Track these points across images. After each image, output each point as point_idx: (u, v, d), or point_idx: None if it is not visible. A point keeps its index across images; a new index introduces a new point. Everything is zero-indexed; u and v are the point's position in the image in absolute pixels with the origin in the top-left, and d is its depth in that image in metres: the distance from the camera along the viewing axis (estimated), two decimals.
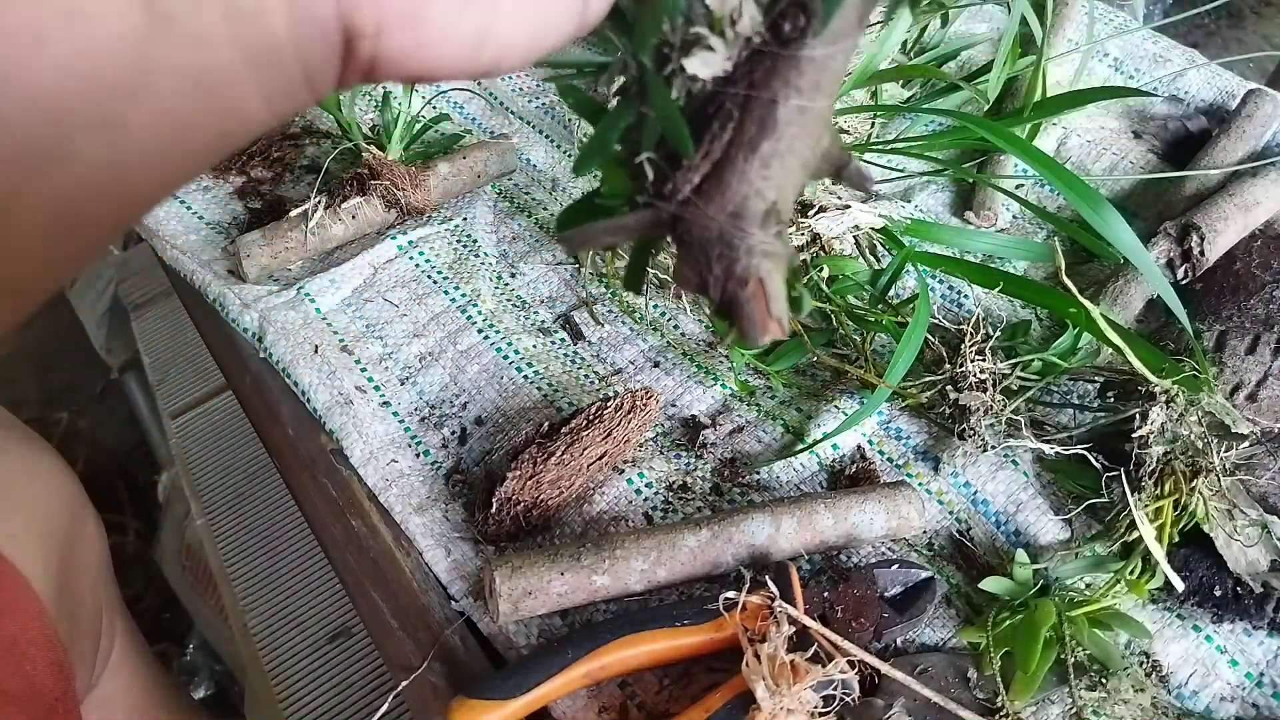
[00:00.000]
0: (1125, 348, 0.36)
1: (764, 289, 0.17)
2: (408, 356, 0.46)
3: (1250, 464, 0.37)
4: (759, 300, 0.17)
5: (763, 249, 0.17)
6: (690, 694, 0.34)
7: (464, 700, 0.32)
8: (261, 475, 0.59)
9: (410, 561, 0.39)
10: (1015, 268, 0.48)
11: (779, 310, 0.18)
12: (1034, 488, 0.40)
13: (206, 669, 0.67)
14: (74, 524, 0.46)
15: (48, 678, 0.37)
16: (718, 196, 0.17)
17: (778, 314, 0.18)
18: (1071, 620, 0.34)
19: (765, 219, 0.17)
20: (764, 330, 0.18)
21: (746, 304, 0.18)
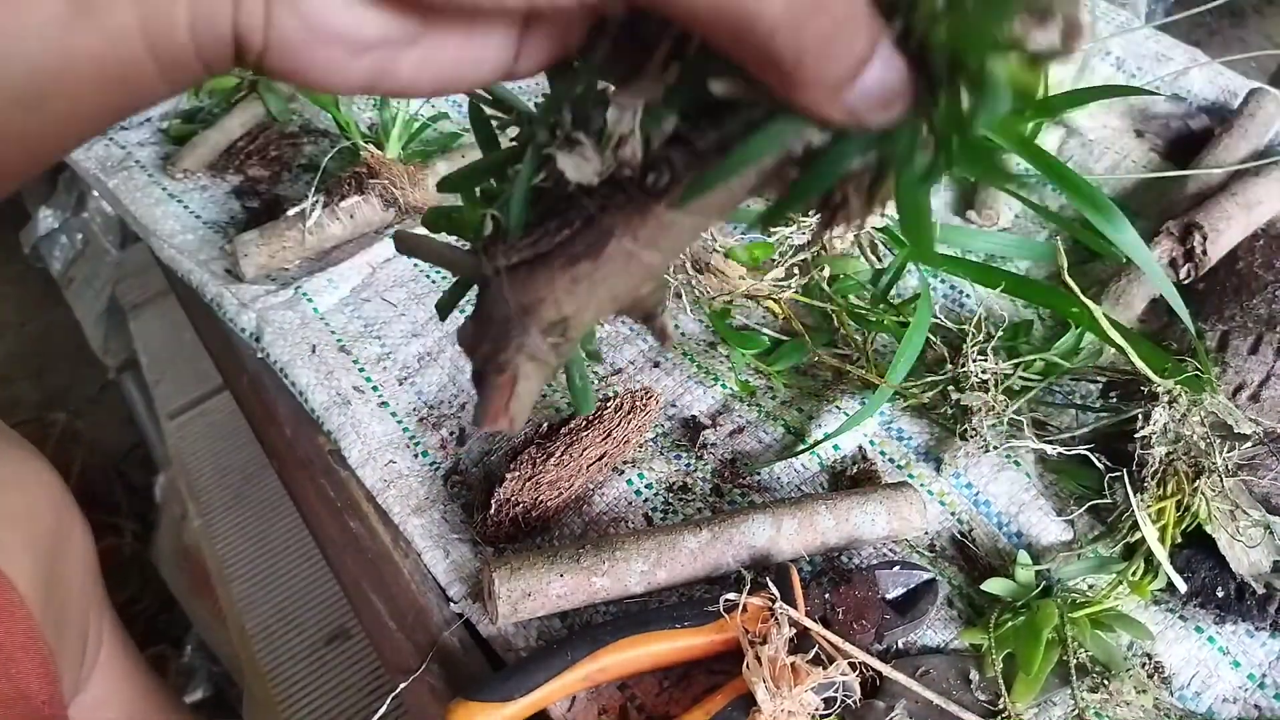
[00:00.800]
0: (1128, 348, 0.36)
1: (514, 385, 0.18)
2: (406, 356, 0.46)
3: (1253, 464, 0.37)
4: (504, 392, 0.18)
5: (532, 351, 0.18)
6: (690, 696, 0.34)
7: (462, 702, 0.32)
8: (259, 476, 0.59)
9: (409, 563, 0.39)
10: (1017, 267, 0.47)
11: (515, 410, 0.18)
12: (1036, 488, 0.40)
13: (204, 671, 0.67)
14: (60, 527, 0.45)
15: (35, 681, 0.37)
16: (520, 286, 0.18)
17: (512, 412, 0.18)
18: (1074, 621, 0.34)
19: (551, 328, 0.18)
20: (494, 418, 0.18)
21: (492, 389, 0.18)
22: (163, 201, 0.54)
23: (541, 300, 0.18)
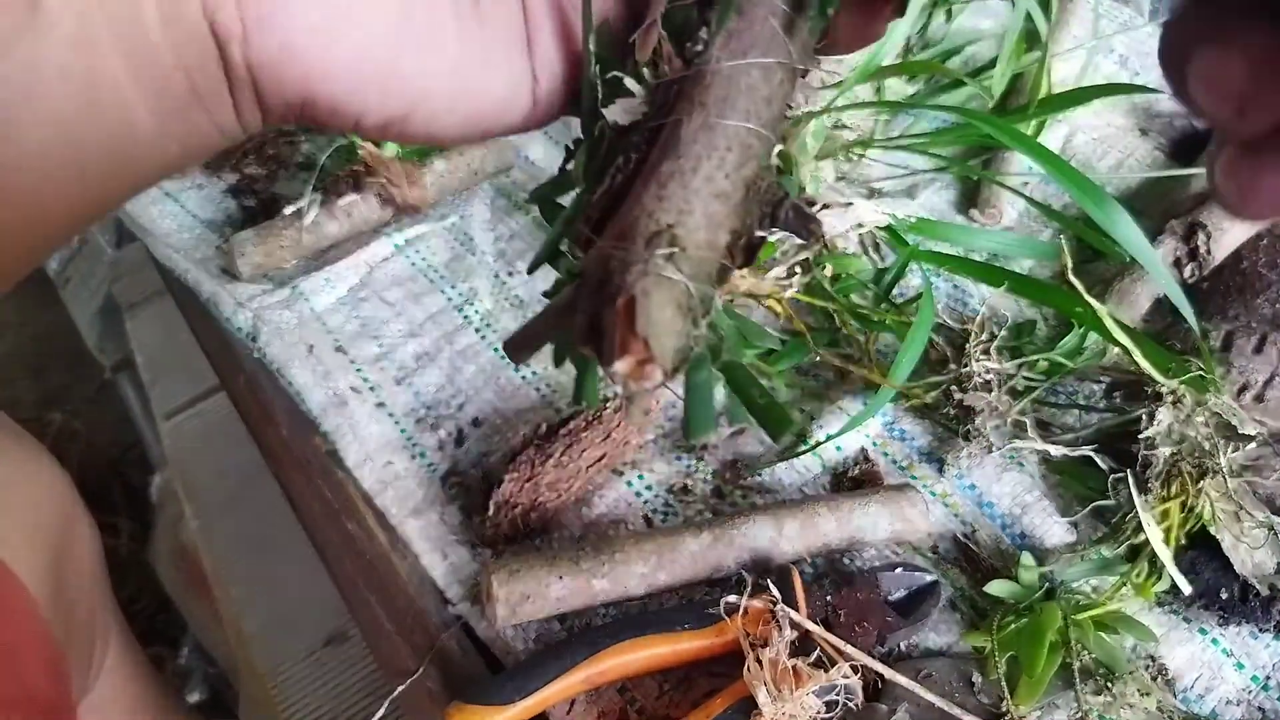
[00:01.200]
0: (1132, 347, 0.36)
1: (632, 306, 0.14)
2: (404, 356, 0.46)
3: (1257, 465, 0.37)
4: (625, 317, 0.14)
5: (642, 267, 0.14)
6: (691, 699, 0.34)
7: (461, 705, 0.32)
8: (256, 477, 0.59)
9: (406, 565, 0.39)
10: (1021, 266, 0.47)
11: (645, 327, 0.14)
12: (1040, 490, 0.40)
13: (201, 672, 0.67)
14: (67, 525, 0.45)
15: (44, 682, 0.36)
16: (610, 226, 0.16)
17: (644, 331, 0.14)
18: (1077, 624, 0.34)
19: (652, 239, 0.15)
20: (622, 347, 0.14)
21: (609, 323, 0.14)
22: (159, 200, 0.53)
23: (635, 219, 0.15)
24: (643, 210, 0.15)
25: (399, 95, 0.17)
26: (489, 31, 0.18)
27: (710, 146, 0.16)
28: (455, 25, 0.18)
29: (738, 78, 0.16)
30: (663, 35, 0.17)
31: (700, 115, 0.16)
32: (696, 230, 0.15)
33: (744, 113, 0.16)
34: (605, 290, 0.15)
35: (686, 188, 0.15)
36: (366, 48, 0.17)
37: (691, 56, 0.16)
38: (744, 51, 0.16)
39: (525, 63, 0.19)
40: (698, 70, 0.16)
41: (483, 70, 0.18)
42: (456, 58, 0.18)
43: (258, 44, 0.16)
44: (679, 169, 0.15)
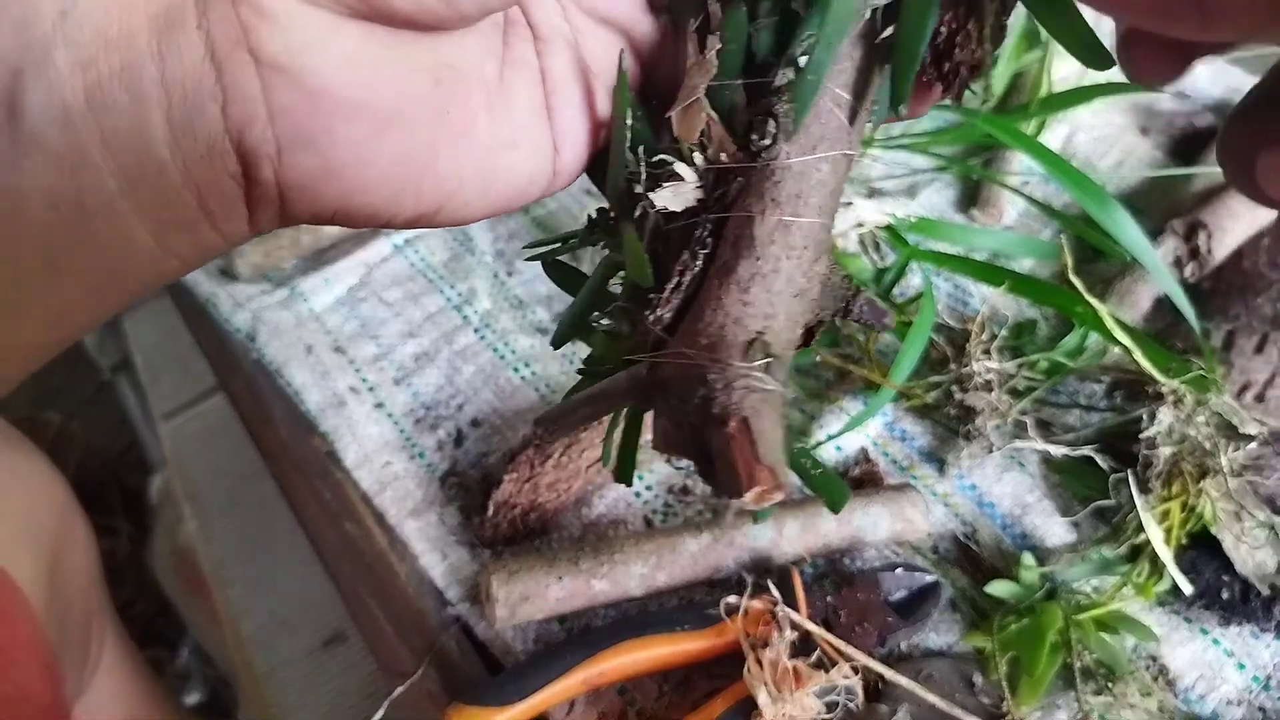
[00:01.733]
0: (1133, 347, 0.36)
1: (748, 429, 0.14)
2: (402, 357, 0.46)
3: (1258, 465, 0.37)
4: (741, 443, 0.14)
5: (746, 383, 0.14)
6: (691, 700, 0.33)
7: (460, 707, 0.32)
8: (254, 478, 0.59)
9: (405, 566, 0.39)
10: (1021, 266, 0.47)
11: (768, 454, 0.13)
12: (1040, 490, 0.39)
13: (199, 674, 0.67)
14: (63, 528, 0.45)
15: (38, 683, 0.36)
16: (692, 331, 0.15)
17: (767, 458, 0.13)
18: (1078, 624, 0.34)
19: (749, 349, 0.15)
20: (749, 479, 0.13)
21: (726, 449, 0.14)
22: None
23: (722, 326, 0.15)
24: (728, 317, 0.15)
25: (434, 193, 0.16)
26: (515, 109, 0.17)
27: (788, 246, 0.15)
28: (486, 112, 0.17)
29: (809, 173, 0.16)
30: (712, 117, 0.16)
31: (775, 213, 0.15)
32: (781, 332, 0.15)
33: (817, 209, 0.16)
34: (707, 410, 0.14)
35: (770, 290, 0.15)
36: (407, 154, 0.16)
37: (758, 150, 0.16)
38: (813, 146, 0.16)
39: (547, 135, 0.18)
40: (766, 166, 0.16)
41: (511, 152, 0.17)
42: (487, 144, 0.17)
43: (293, 163, 0.15)
44: (759, 271, 0.15)
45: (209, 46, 0.13)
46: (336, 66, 0.14)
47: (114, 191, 0.14)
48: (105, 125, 0.13)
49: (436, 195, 0.17)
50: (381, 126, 0.15)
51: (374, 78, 0.15)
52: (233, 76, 0.14)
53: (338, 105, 0.15)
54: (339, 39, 0.14)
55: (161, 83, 0.13)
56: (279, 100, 0.14)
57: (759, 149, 0.16)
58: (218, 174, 0.14)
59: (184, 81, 0.13)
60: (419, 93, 0.16)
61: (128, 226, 0.14)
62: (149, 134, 0.14)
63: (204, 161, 0.14)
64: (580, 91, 0.18)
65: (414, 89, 0.16)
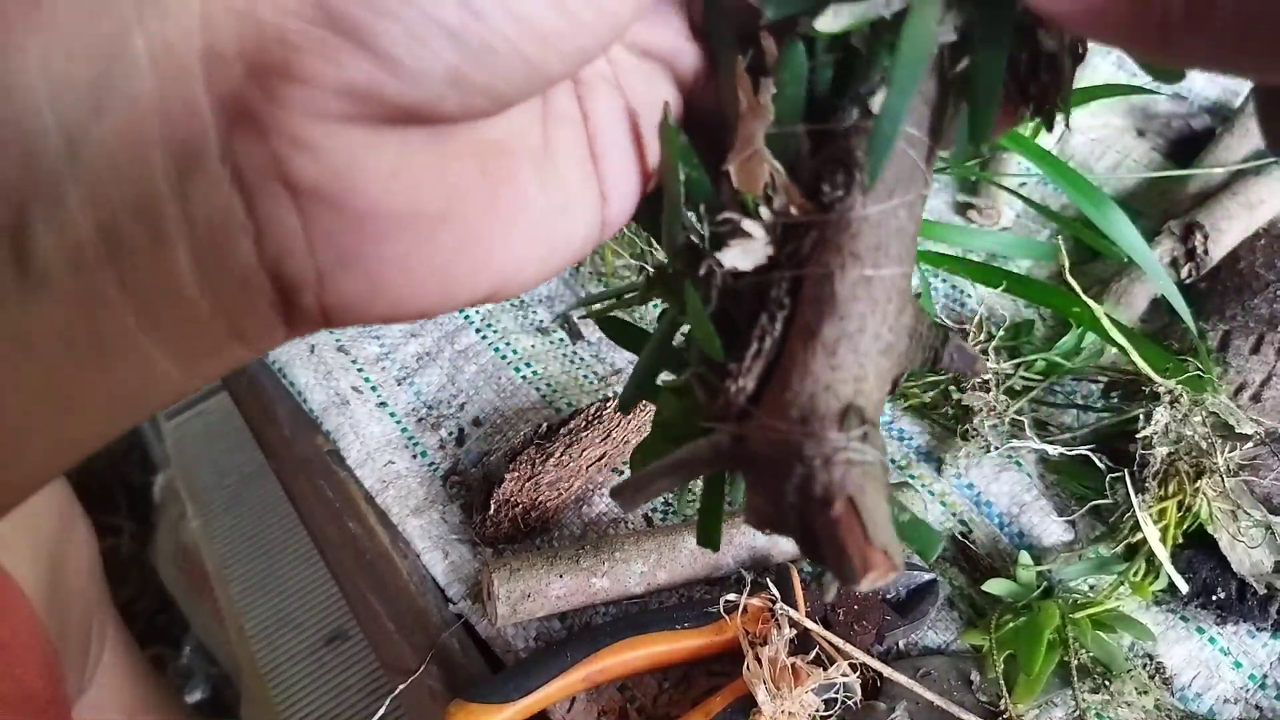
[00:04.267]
0: (1129, 347, 0.36)
1: (855, 509, 0.13)
2: (405, 356, 0.46)
3: (1254, 465, 0.37)
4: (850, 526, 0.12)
5: (846, 457, 0.13)
6: (690, 698, 0.34)
7: (461, 704, 0.32)
8: (257, 476, 0.59)
9: (407, 564, 0.39)
10: (1018, 266, 0.47)
11: (879, 534, 0.12)
12: (1037, 489, 0.40)
13: (202, 672, 0.67)
14: (63, 526, 0.45)
15: (39, 681, 0.37)
16: (779, 401, 0.14)
17: (880, 541, 0.12)
18: (1075, 622, 0.34)
19: (845, 419, 0.13)
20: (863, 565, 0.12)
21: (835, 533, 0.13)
22: None
23: (813, 395, 0.13)
24: (818, 384, 0.14)
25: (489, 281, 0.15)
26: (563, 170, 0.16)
27: (872, 302, 0.14)
28: (536, 184, 0.15)
29: (887, 222, 0.14)
30: (775, 168, 0.15)
31: (855, 267, 0.14)
32: (873, 394, 0.14)
33: (898, 258, 0.14)
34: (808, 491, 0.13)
35: (858, 351, 0.14)
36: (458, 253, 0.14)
37: (831, 202, 0.14)
38: (890, 192, 0.15)
39: (595, 187, 0.16)
40: (841, 217, 0.14)
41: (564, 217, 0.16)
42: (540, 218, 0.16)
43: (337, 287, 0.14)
44: (845, 332, 0.14)
45: (236, 179, 0.12)
46: (379, 183, 0.13)
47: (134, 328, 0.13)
48: (123, 265, 0.12)
49: (493, 281, 0.15)
50: (430, 233, 0.14)
51: (419, 185, 0.14)
52: (265, 208, 0.13)
53: (383, 223, 0.13)
54: (379, 153, 0.13)
55: (184, 219, 0.12)
56: (319, 228, 0.13)
57: (831, 200, 0.14)
58: (252, 304, 0.13)
59: (210, 217, 0.12)
60: (467, 187, 0.14)
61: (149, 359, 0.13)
62: (173, 272, 0.13)
63: (237, 295, 0.13)
64: (626, 133, 0.17)
65: (461, 184, 0.14)
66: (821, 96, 0.16)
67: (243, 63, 0.12)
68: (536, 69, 0.13)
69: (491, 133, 0.15)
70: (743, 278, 0.15)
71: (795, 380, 0.14)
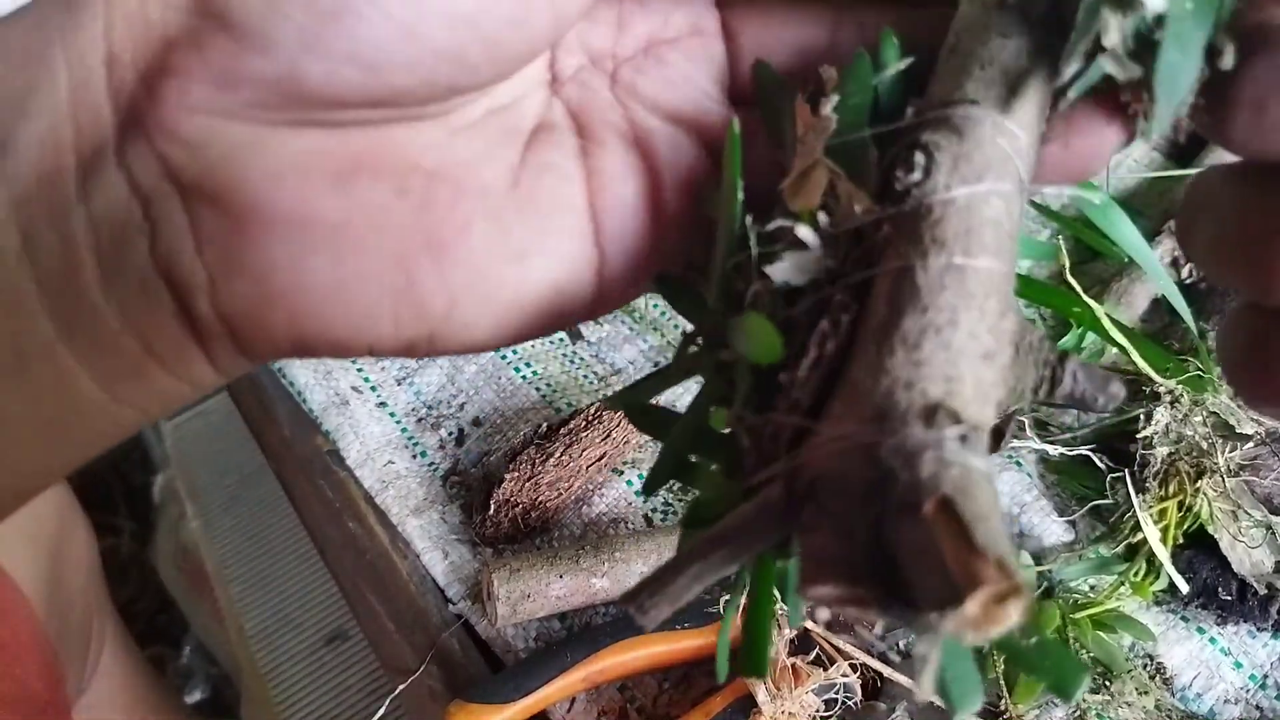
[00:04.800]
0: (1130, 347, 0.36)
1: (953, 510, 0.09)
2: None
3: (1255, 465, 0.37)
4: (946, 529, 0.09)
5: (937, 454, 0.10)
6: (690, 698, 0.34)
7: (461, 704, 0.32)
8: (257, 477, 0.59)
9: (407, 564, 0.39)
10: (1018, 266, 0.47)
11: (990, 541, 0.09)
12: (1038, 489, 0.40)
13: (202, 672, 0.67)
14: (63, 526, 0.45)
15: (38, 681, 0.37)
16: (847, 406, 0.11)
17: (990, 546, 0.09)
18: (1075, 622, 0.34)
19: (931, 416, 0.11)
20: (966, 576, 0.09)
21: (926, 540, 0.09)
22: None
23: (889, 393, 0.11)
24: (894, 380, 0.11)
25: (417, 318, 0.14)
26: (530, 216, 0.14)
27: (964, 294, 0.12)
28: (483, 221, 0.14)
29: (977, 208, 0.12)
30: (837, 173, 0.13)
31: (940, 255, 0.12)
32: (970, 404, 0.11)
33: (994, 251, 0.12)
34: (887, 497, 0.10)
35: (949, 348, 0.11)
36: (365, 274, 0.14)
37: (906, 188, 0.12)
38: (978, 176, 0.12)
39: (578, 241, 0.15)
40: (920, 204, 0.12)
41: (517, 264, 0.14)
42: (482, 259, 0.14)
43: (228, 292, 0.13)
44: (930, 324, 0.11)
45: (132, 181, 0.13)
46: (264, 182, 0.13)
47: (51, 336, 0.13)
48: (39, 267, 0.13)
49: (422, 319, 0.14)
50: (325, 244, 0.13)
51: (311, 189, 0.13)
52: (160, 209, 0.13)
53: (268, 225, 0.13)
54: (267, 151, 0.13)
55: (89, 222, 0.13)
56: (205, 228, 0.13)
57: (907, 186, 0.12)
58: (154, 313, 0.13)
59: (110, 219, 0.13)
60: (374, 203, 0.13)
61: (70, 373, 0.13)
62: (81, 276, 0.13)
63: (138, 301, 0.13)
64: (636, 189, 0.15)
65: (369, 199, 0.13)
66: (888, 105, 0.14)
67: (135, 65, 0.12)
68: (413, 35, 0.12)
69: (422, 158, 0.14)
70: (798, 299, 0.13)
71: (867, 380, 0.11)
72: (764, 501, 0.11)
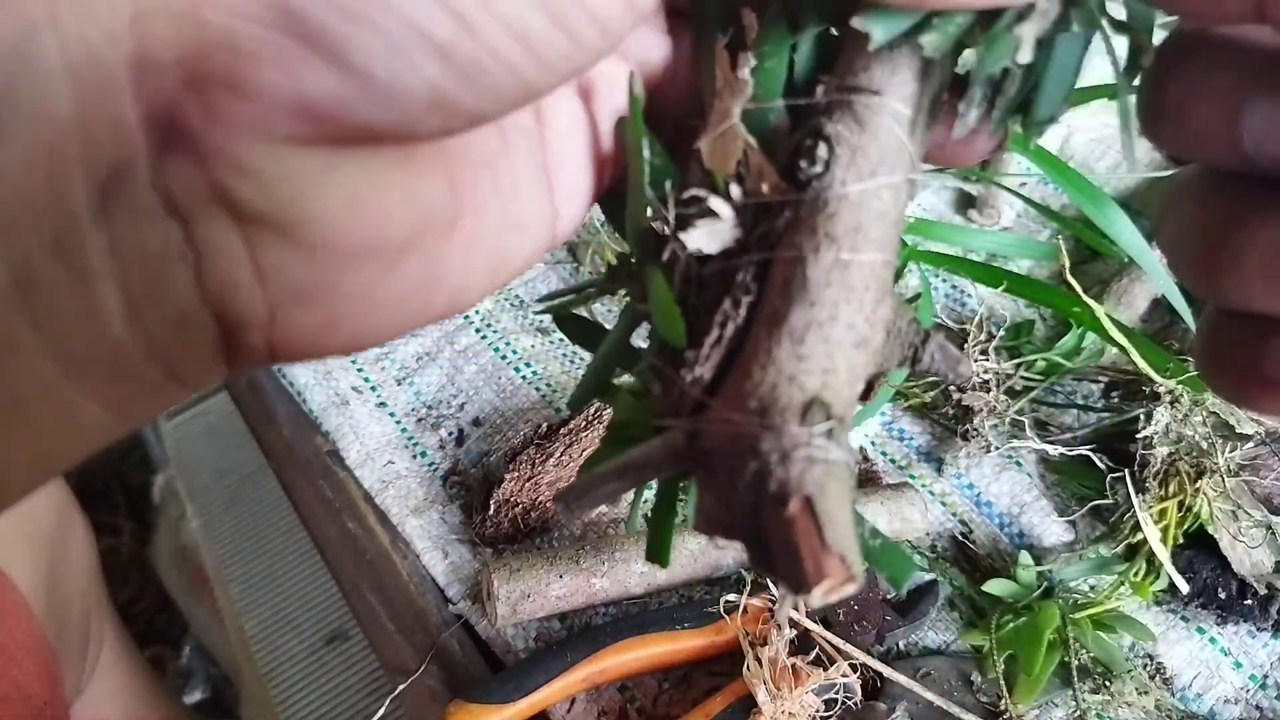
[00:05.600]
0: (1130, 347, 0.36)
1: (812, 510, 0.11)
2: (404, 356, 0.46)
3: (1254, 465, 0.37)
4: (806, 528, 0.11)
5: (807, 454, 0.12)
6: (690, 698, 0.34)
7: (461, 704, 0.32)
8: (257, 477, 0.59)
9: (407, 564, 0.39)
10: (1019, 266, 0.47)
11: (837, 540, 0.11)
12: (1038, 489, 0.40)
13: (202, 672, 0.67)
14: (61, 527, 0.45)
15: (36, 682, 0.37)
16: (738, 392, 0.13)
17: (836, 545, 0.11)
18: (1075, 623, 0.34)
19: (808, 413, 0.12)
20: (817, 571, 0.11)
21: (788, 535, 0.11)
22: None
23: (774, 386, 0.12)
24: (780, 374, 0.12)
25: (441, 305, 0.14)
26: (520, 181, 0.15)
27: (847, 288, 0.13)
28: (495, 197, 0.14)
29: (868, 203, 0.13)
30: (750, 143, 0.14)
31: (830, 250, 0.13)
32: (843, 389, 0.13)
33: (878, 244, 0.13)
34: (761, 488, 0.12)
35: (828, 341, 0.13)
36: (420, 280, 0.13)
37: (808, 179, 0.13)
38: (872, 171, 0.13)
39: (549, 202, 0.15)
40: (818, 196, 0.13)
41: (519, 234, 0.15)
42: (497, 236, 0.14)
43: (289, 323, 0.12)
44: (815, 319, 0.13)
45: (170, 204, 0.11)
46: (340, 212, 0.12)
47: (54, 376, 0.11)
48: (37, 306, 0.11)
49: (445, 305, 0.14)
50: (396, 263, 0.13)
51: (386, 212, 0.12)
52: (207, 235, 0.11)
53: (343, 255, 0.12)
54: (340, 179, 0.11)
55: (110, 252, 0.11)
56: (270, 259, 0.11)
57: (809, 177, 0.13)
58: (191, 345, 0.12)
59: (141, 248, 0.11)
60: (434, 208, 0.13)
61: (74, 407, 0.12)
62: (99, 311, 0.11)
63: (173, 334, 0.12)
64: (584, 144, 0.15)
65: (429, 205, 0.13)
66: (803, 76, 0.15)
67: (180, 71, 0.10)
68: (527, 88, 0.12)
69: (457, 142, 0.13)
70: (709, 263, 0.14)
71: (756, 369, 0.13)
72: (667, 446, 0.13)
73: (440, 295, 0.14)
